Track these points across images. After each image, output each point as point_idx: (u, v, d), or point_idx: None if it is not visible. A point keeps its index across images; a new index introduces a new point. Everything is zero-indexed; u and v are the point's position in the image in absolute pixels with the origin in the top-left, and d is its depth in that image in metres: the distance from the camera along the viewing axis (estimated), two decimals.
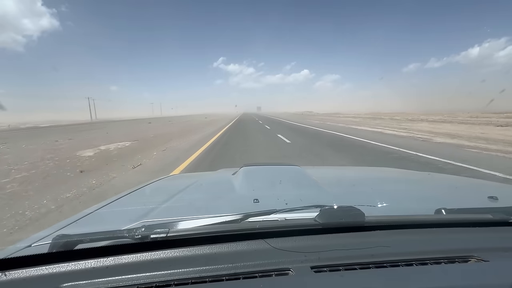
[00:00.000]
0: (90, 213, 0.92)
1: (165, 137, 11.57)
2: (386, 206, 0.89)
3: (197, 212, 0.90)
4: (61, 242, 0.57)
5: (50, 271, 0.54)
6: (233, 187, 1.24)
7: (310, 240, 0.63)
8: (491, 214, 0.71)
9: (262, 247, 0.61)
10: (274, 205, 0.74)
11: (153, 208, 0.93)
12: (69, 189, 3.95)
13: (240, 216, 0.66)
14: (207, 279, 0.53)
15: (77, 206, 3.16)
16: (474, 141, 7.87)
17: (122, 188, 3.12)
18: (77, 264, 0.55)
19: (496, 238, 0.68)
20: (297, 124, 20.50)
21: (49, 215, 2.96)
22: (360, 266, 0.56)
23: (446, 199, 1.05)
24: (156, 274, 0.54)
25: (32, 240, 0.67)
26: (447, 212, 0.73)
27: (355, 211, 0.67)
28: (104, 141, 10.46)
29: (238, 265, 0.56)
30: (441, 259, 0.59)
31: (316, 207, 0.70)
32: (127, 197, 1.15)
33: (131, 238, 0.58)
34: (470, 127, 12.81)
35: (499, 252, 0.63)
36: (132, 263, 0.56)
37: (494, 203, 0.87)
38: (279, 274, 0.54)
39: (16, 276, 0.53)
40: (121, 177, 4.67)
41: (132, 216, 0.81)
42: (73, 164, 6.00)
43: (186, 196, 1.16)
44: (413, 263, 0.58)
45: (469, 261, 0.59)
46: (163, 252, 0.59)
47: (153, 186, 1.43)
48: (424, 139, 8.90)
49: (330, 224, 0.65)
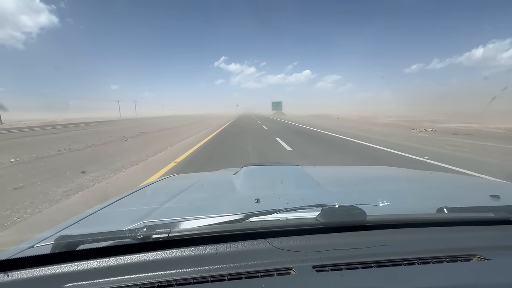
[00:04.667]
0: (92, 213, 0.92)
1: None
2: (387, 205, 0.89)
3: (198, 212, 0.90)
4: (64, 242, 0.57)
5: (53, 272, 0.54)
6: (234, 187, 1.24)
7: (311, 240, 0.63)
8: (493, 213, 0.70)
9: (263, 246, 0.61)
10: (276, 204, 0.74)
11: (154, 208, 0.94)
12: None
13: (241, 216, 0.66)
14: (209, 279, 0.53)
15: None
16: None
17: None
18: (79, 264, 0.56)
19: (498, 237, 0.68)
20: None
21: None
22: (362, 265, 0.56)
23: (448, 197, 1.05)
24: (158, 274, 0.54)
25: (34, 241, 0.67)
26: (449, 211, 0.73)
27: (357, 210, 0.66)
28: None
29: (240, 264, 0.56)
30: (443, 258, 0.59)
31: (318, 206, 0.69)
32: (128, 198, 1.15)
33: (133, 239, 0.59)
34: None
35: (502, 250, 0.63)
36: (134, 263, 0.57)
37: (496, 202, 0.87)
38: (281, 273, 0.54)
39: (19, 277, 0.53)
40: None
41: (133, 217, 0.81)
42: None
43: (187, 196, 1.16)
44: (415, 262, 0.58)
45: (471, 260, 0.59)
46: (165, 252, 0.59)
47: (155, 186, 1.43)
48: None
49: (332, 224, 0.65)
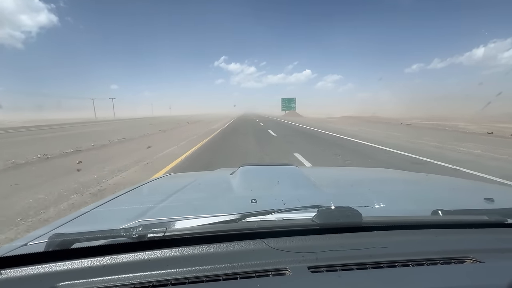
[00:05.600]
0: (87, 212, 0.91)
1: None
2: (383, 207, 0.89)
3: (194, 212, 0.89)
4: (58, 241, 0.57)
5: (46, 270, 0.54)
6: (231, 186, 1.24)
7: (307, 241, 0.63)
8: (487, 216, 0.71)
9: (259, 247, 0.61)
10: (272, 205, 0.74)
11: (150, 207, 0.93)
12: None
13: (237, 216, 0.66)
14: (204, 278, 0.53)
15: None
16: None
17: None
18: (73, 263, 0.55)
19: (491, 240, 0.69)
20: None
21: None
22: (357, 266, 0.57)
23: (443, 200, 1.06)
24: (153, 273, 0.54)
25: (28, 239, 0.67)
26: (443, 213, 0.73)
27: (353, 212, 0.67)
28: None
29: (236, 265, 0.56)
30: (437, 260, 0.59)
31: (314, 207, 0.70)
32: (124, 196, 1.14)
33: (128, 237, 0.58)
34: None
35: (495, 253, 0.64)
36: (129, 263, 0.56)
37: (490, 205, 0.88)
38: (276, 274, 0.54)
39: (12, 275, 0.53)
40: None
41: (129, 215, 0.81)
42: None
43: (183, 195, 1.16)
44: (410, 264, 0.58)
45: (465, 262, 0.59)
46: (160, 252, 0.58)
47: (151, 185, 1.43)
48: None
49: (328, 225, 0.65)
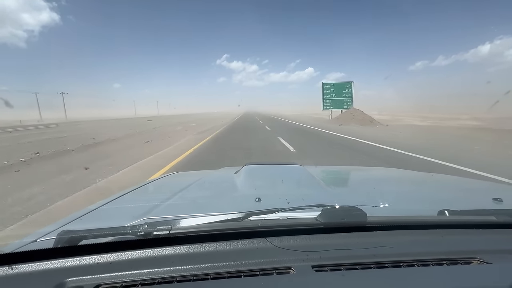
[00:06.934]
0: (94, 209, 0.93)
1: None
2: (388, 207, 0.88)
3: (199, 210, 0.90)
4: (66, 237, 0.58)
5: (55, 266, 0.55)
6: (235, 185, 1.25)
7: (311, 240, 0.63)
8: (495, 216, 0.70)
9: (263, 245, 0.61)
10: (276, 204, 0.74)
11: (156, 205, 0.94)
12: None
13: (242, 215, 0.66)
14: (209, 276, 0.54)
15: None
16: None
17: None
18: (81, 259, 0.56)
19: (499, 240, 0.68)
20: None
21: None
22: (362, 266, 0.56)
23: (450, 200, 1.04)
24: (159, 270, 0.55)
25: (37, 235, 0.68)
26: (450, 214, 0.72)
27: (357, 211, 0.66)
28: None
29: (240, 263, 0.56)
30: (443, 261, 0.59)
31: (318, 206, 0.70)
32: (130, 194, 1.16)
33: (134, 235, 0.59)
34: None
35: (503, 254, 0.63)
36: (135, 259, 0.57)
37: (498, 205, 0.86)
38: (280, 272, 0.55)
39: (22, 270, 0.54)
40: None
41: (135, 213, 0.82)
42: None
43: (188, 194, 1.17)
44: (415, 264, 0.58)
45: (472, 263, 0.59)
46: (166, 249, 0.59)
47: (156, 183, 1.44)
48: None
49: (332, 224, 0.65)
